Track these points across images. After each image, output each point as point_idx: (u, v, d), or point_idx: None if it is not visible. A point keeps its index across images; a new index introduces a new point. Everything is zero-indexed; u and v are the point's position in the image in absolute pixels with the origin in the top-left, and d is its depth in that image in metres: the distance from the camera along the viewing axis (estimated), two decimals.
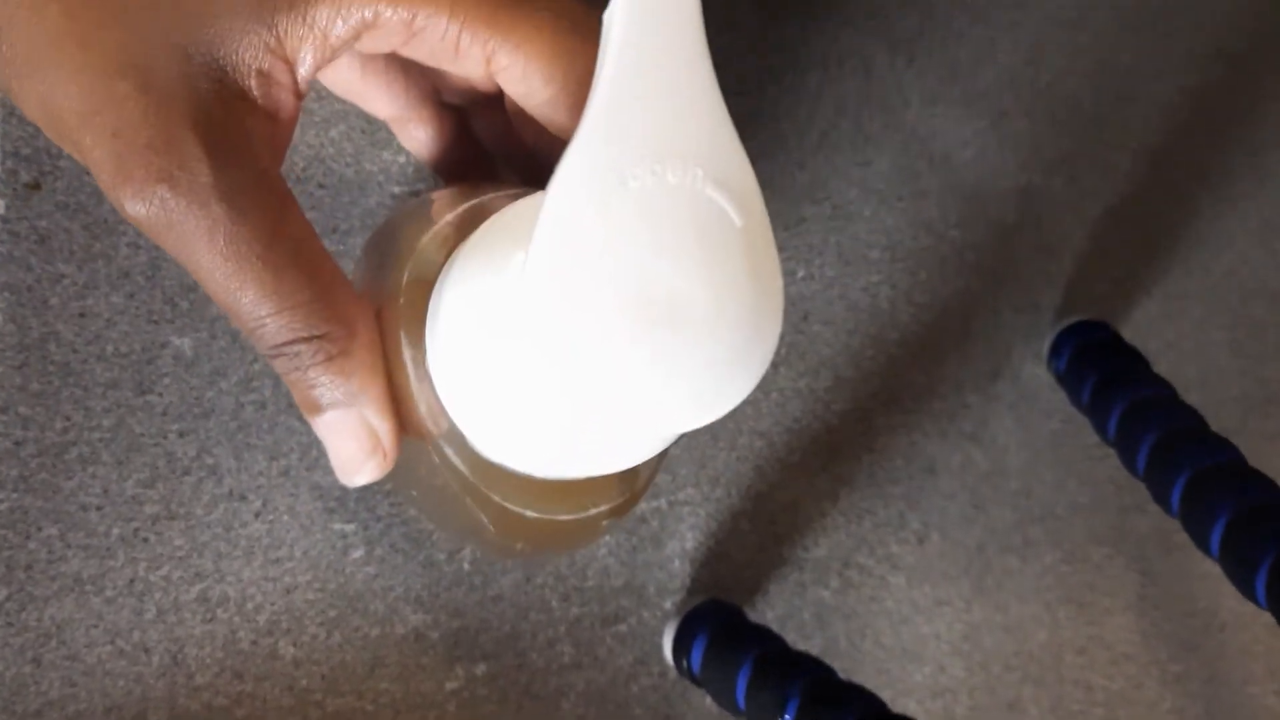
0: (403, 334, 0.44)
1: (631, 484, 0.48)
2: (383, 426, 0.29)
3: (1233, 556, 0.72)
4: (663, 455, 0.53)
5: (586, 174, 0.27)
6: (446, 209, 0.42)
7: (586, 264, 0.26)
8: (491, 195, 0.40)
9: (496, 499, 0.45)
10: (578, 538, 0.62)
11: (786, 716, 0.74)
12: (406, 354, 0.43)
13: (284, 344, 0.27)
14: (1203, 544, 0.76)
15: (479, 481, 0.46)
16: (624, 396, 0.26)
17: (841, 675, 0.77)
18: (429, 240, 0.46)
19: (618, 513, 0.52)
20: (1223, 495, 0.75)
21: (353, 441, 0.29)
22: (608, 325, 0.26)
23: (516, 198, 0.36)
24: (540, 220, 0.27)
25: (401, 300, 0.44)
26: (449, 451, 0.45)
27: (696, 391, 0.27)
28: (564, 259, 0.26)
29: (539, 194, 0.31)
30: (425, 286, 0.39)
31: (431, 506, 0.68)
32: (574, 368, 0.26)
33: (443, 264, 0.38)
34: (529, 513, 0.47)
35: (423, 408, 0.43)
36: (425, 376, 0.40)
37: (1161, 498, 0.80)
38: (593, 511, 0.48)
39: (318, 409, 0.29)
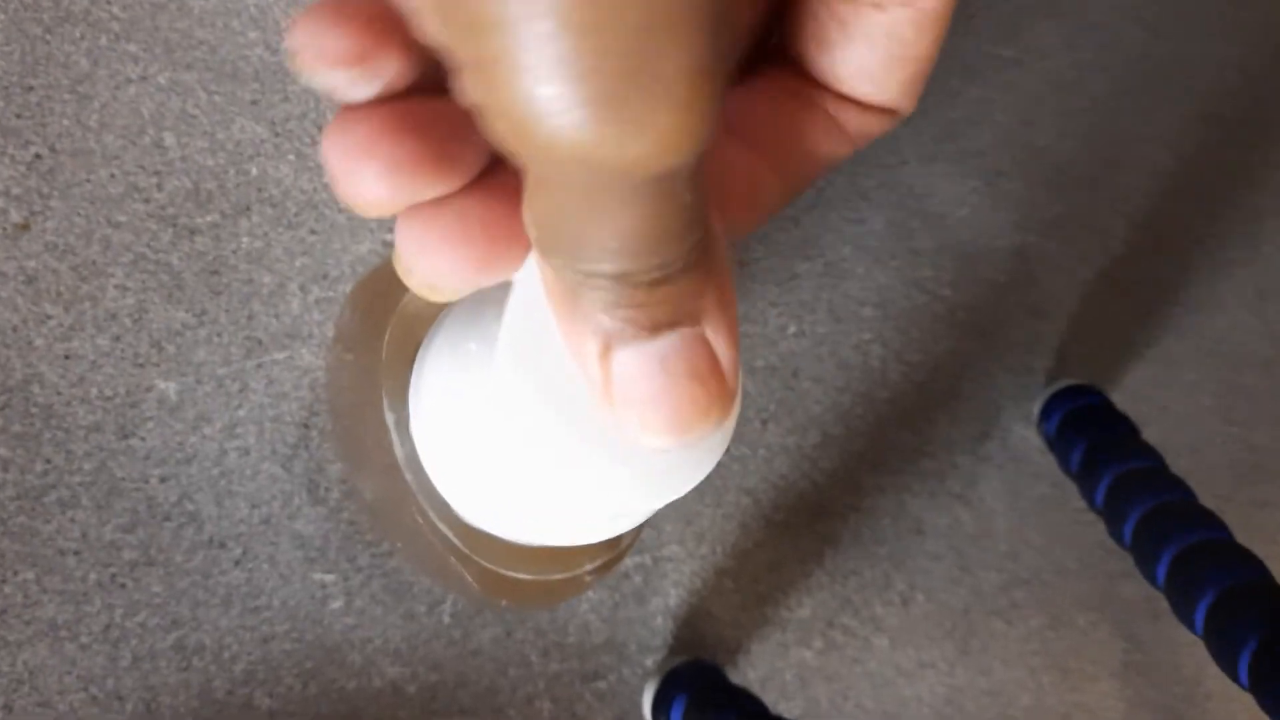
0: (385, 395, 0.43)
1: (615, 544, 0.48)
2: (729, 357, 0.20)
3: (1217, 636, 0.72)
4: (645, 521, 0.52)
5: None
6: None
7: (549, 358, 0.26)
8: None
9: (480, 561, 0.45)
10: (561, 594, 0.62)
11: None
12: (389, 416, 0.43)
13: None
14: (1187, 621, 0.75)
15: (463, 544, 0.46)
16: (589, 480, 0.26)
17: None
18: (410, 301, 0.45)
19: (602, 571, 0.51)
20: (1209, 573, 0.74)
21: (693, 379, 0.21)
22: (572, 416, 0.25)
23: None
24: (510, 306, 0.26)
25: (384, 361, 0.44)
26: (432, 515, 0.44)
27: (651, 476, 0.27)
28: (532, 348, 0.26)
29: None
30: (408, 348, 0.39)
31: (415, 561, 0.67)
32: (541, 454, 0.25)
33: (424, 331, 0.38)
34: (513, 574, 0.46)
35: (406, 471, 0.43)
36: (408, 439, 0.39)
37: (1147, 571, 0.80)
38: (577, 572, 0.47)
39: (647, 329, 0.20)
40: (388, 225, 0.85)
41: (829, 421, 0.92)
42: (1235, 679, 0.69)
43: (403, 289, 0.45)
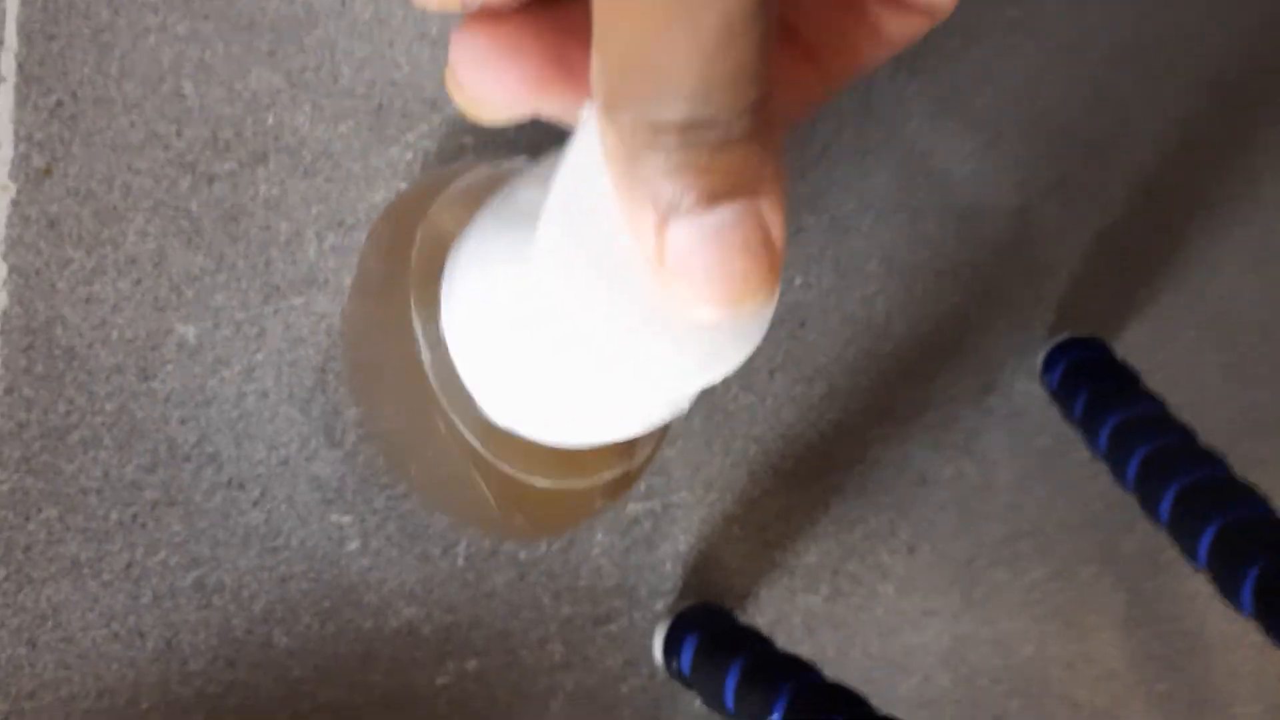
0: (413, 300, 0.44)
1: (630, 456, 0.49)
2: (780, 234, 0.21)
3: (1220, 566, 0.73)
4: (663, 433, 0.53)
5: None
6: (461, 176, 0.43)
7: (598, 234, 0.26)
8: (508, 164, 0.41)
9: (503, 468, 0.46)
10: (574, 514, 0.63)
11: (774, 717, 0.74)
12: (416, 321, 0.44)
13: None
14: (1191, 554, 0.76)
15: (486, 451, 0.47)
16: (633, 360, 0.26)
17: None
18: (441, 206, 0.46)
19: (615, 489, 0.52)
20: (1211, 507, 0.76)
21: (747, 252, 0.20)
22: (618, 288, 0.25)
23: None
24: (558, 181, 0.27)
25: (413, 266, 0.45)
26: (456, 420, 0.45)
27: (696, 351, 0.28)
28: (576, 229, 0.26)
29: (555, 158, 0.31)
30: (438, 252, 0.40)
31: (430, 484, 0.68)
32: (584, 335, 0.26)
33: (457, 231, 0.39)
34: (532, 480, 0.47)
35: (432, 377, 0.44)
36: (437, 344, 0.40)
37: (1151, 510, 0.81)
38: (594, 481, 0.48)
39: (706, 198, 0.20)
40: (401, 174, 0.86)
41: (835, 373, 0.94)
42: (1238, 607, 0.71)
43: (432, 197, 0.46)
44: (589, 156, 0.23)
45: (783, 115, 0.22)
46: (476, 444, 0.45)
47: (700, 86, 0.18)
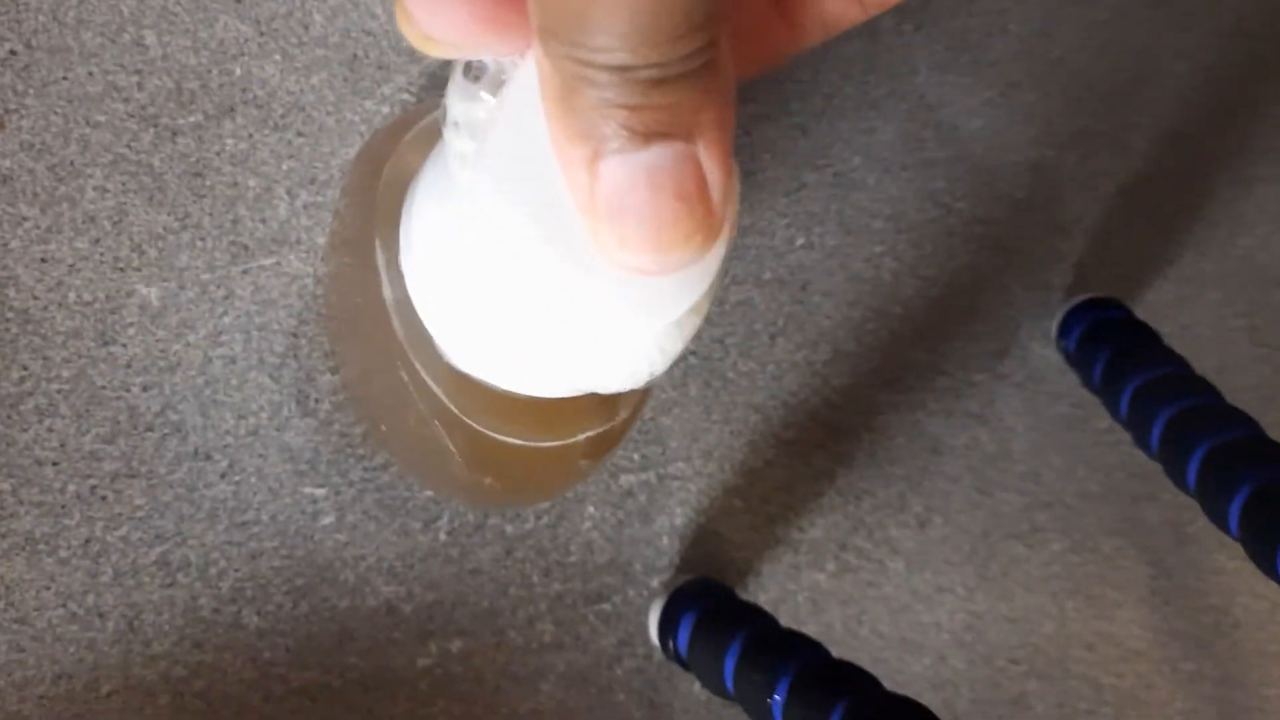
0: (377, 240, 0.40)
1: (610, 414, 0.44)
2: (721, 183, 0.19)
3: (1253, 532, 0.68)
4: (645, 394, 0.49)
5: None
6: (430, 114, 0.39)
7: (538, 169, 0.23)
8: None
9: (466, 421, 0.42)
10: (552, 476, 0.58)
11: (776, 698, 0.69)
12: (380, 260, 0.40)
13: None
14: (1220, 521, 0.71)
15: (451, 404, 0.42)
16: (574, 302, 0.24)
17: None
18: (406, 144, 0.42)
19: (597, 449, 0.47)
20: (1241, 470, 0.71)
21: (679, 198, 0.19)
22: (556, 231, 0.23)
23: None
24: (500, 121, 0.24)
25: (378, 204, 0.41)
26: (419, 367, 0.41)
27: (638, 298, 0.25)
28: (518, 163, 0.24)
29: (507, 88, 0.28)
30: (401, 191, 0.36)
31: (399, 442, 0.64)
32: (527, 274, 0.24)
33: (420, 167, 0.36)
34: (499, 436, 0.43)
35: (395, 318, 0.40)
36: (399, 281, 0.37)
37: (1177, 475, 0.76)
38: (570, 440, 0.44)
39: (640, 136, 0.19)
40: (376, 127, 0.81)
41: (840, 337, 0.89)
42: (1273, 575, 0.66)
43: (398, 134, 0.42)
44: (530, 89, 0.22)
45: (742, 61, 0.21)
46: (441, 395, 0.41)
47: (632, 33, 0.17)
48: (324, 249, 0.77)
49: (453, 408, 0.41)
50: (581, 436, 0.43)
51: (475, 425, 0.41)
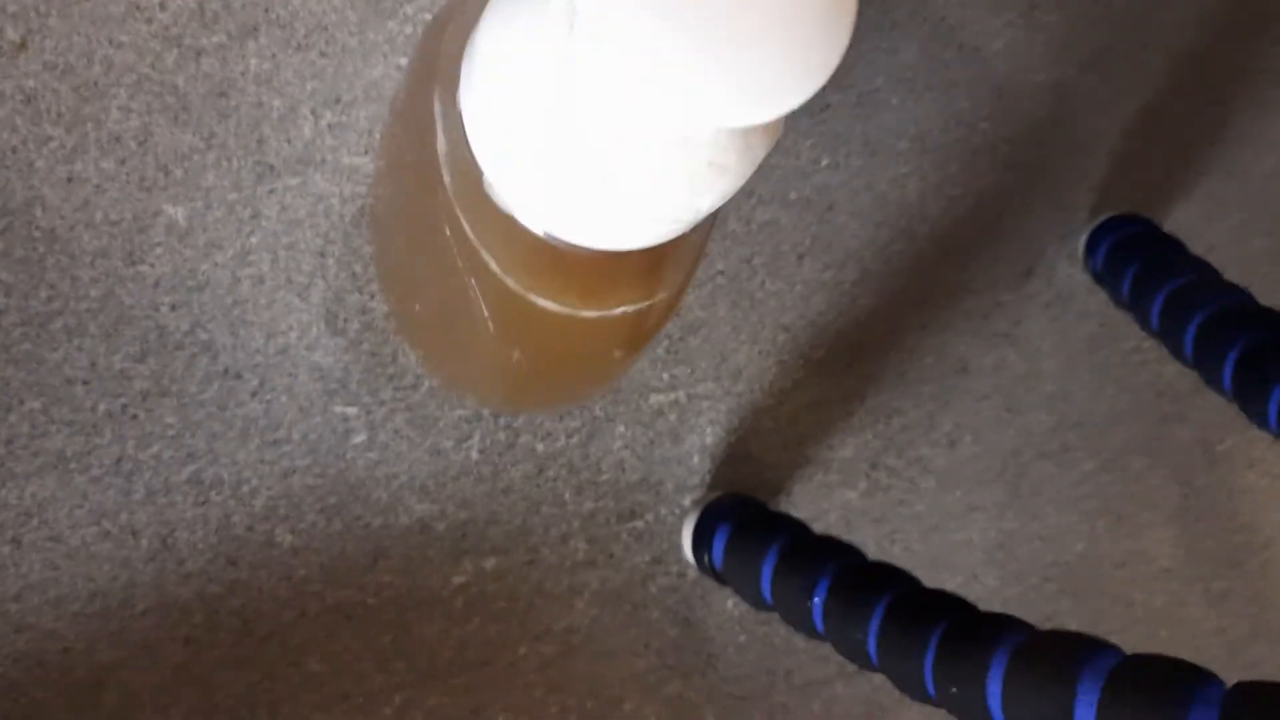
0: (436, 94, 0.39)
1: (650, 290, 0.44)
2: None
3: None
4: (684, 284, 0.48)
5: None
6: None
7: None
8: None
9: (504, 279, 0.41)
10: (583, 365, 0.57)
11: (815, 600, 0.69)
12: (437, 108, 0.39)
13: None
14: (1259, 418, 0.71)
15: (490, 255, 0.42)
16: (677, 80, 0.24)
17: None
18: (472, 4, 0.42)
19: (633, 334, 0.47)
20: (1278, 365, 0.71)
21: None
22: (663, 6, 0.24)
23: None
24: None
25: (440, 59, 0.41)
26: (463, 220, 0.40)
27: (753, 80, 0.26)
28: None
29: None
30: (464, 41, 0.36)
31: (432, 323, 0.64)
32: (627, 51, 0.24)
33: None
34: (536, 298, 0.42)
35: (445, 166, 0.39)
36: (454, 129, 0.36)
37: (1213, 378, 0.76)
38: (606, 313, 0.43)
39: None
40: (400, 49, 0.81)
41: (867, 257, 0.88)
42: None
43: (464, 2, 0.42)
44: None
45: None
46: (481, 250, 0.41)
47: None
48: (380, 138, 0.77)
49: (492, 263, 0.40)
50: (619, 310, 0.42)
51: (513, 284, 0.41)
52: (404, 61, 0.81)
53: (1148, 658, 0.48)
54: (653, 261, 0.40)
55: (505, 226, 0.37)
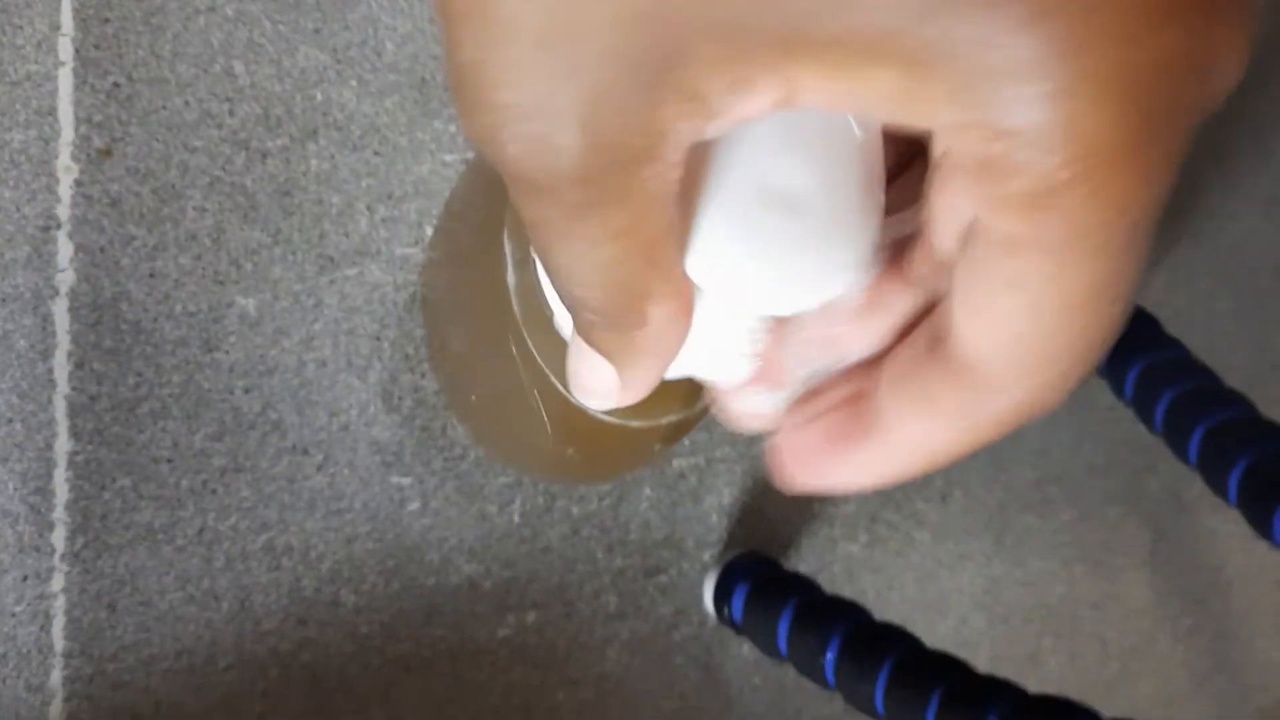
0: (507, 222, 0.47)
1: (693, 402, 0.51)
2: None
3: (1250, 500, 0.77)
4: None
5: None
6: None
7: (716, 152, 0.26)
8: None
9: (565, 393, 0.48)
10: (627, 455, 0.64)
11: (828, 656, 0.78)
12: (508, 243, 0.46)
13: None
14: (1220, 491, 0.80)
15: (554, 375, 0.49)
16: (734, 273, 0.27)
17: None
18: None
19: (672, 434, 0.54)
20: (1239, 445, 0.79)
21: (596, 372, 0.27)
22: (727, 207, 0.26)
23: None
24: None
25: (510, 203, 0.48)
26: (530, 344, 0.48)
27: (801, 274, 0.28)
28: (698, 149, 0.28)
29: None
30: None
31: (488, 411, 0.71)
32: (689, 245, 0.27)
33: None
34: (594, 412, 0.50)
35: (515, 295, 0.47)
36: (524, 263, 0.43)
37: (1179, 450, 0.84)
38: (653, 423, 0.51)
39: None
40: (445, 147, 0.89)
41: None
42: (1269, 537, 0.74)
43: None
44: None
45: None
46: (547, 370, 0.48)
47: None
48: (431, 238, 0.84)
49: (556, 382, 0.47)
50: (664, 420, 0.49)
51: (573, 399, 0.48)
52: (449, 158, 0.89)
53: None
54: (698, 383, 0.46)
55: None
